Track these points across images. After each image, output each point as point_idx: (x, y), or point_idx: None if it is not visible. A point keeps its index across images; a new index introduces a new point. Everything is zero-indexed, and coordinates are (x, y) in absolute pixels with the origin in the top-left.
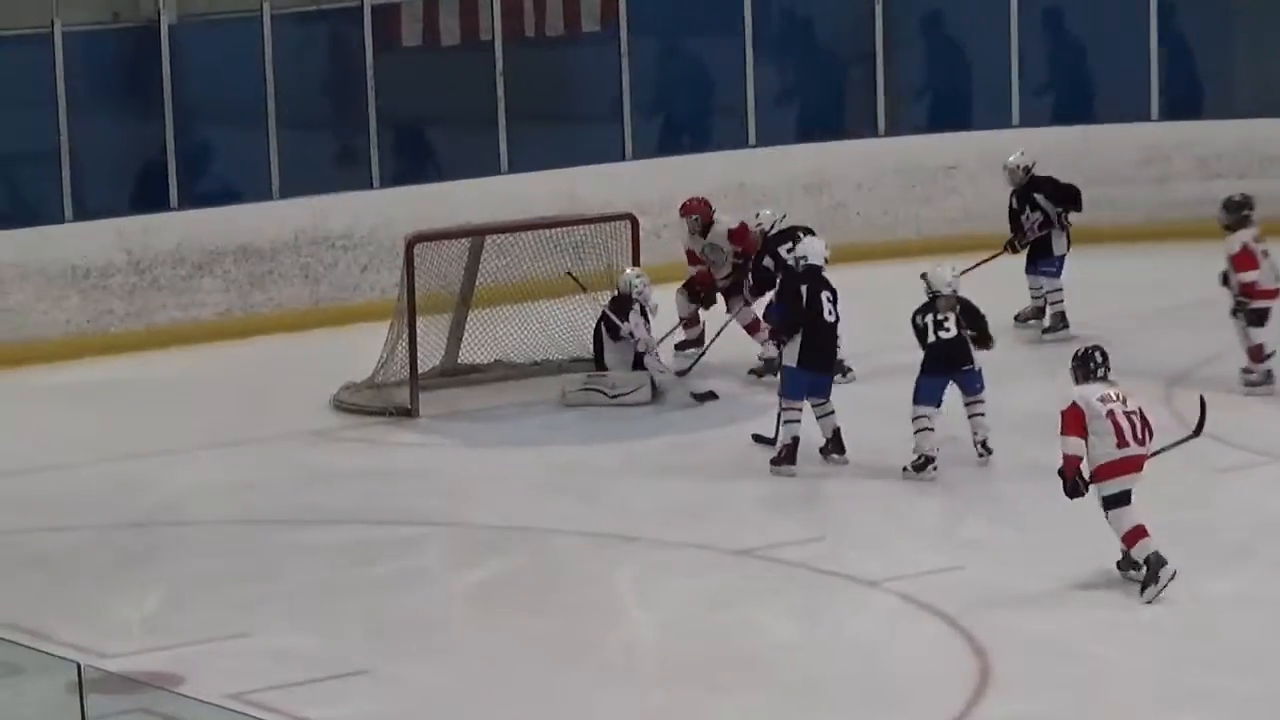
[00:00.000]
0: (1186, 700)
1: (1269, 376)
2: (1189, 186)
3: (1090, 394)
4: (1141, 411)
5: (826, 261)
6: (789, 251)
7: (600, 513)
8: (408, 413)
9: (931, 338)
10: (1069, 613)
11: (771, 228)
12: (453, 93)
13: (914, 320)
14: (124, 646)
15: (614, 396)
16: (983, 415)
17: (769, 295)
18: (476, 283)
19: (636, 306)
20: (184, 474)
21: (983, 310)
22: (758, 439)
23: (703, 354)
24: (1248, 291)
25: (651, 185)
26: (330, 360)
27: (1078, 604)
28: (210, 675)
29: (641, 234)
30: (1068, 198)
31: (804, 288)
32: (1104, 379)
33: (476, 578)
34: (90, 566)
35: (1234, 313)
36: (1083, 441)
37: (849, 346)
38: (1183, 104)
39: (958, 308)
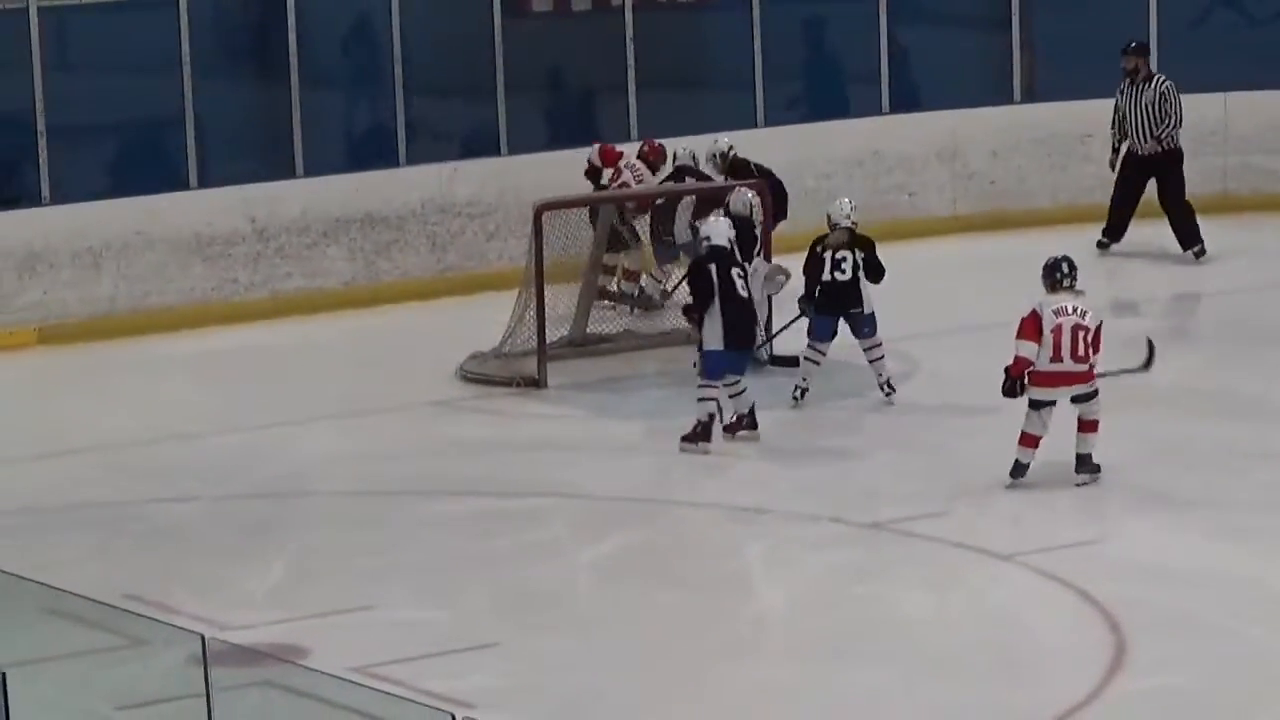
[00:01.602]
0: None
1: None
2: None
3: (1049, 304)
4: (1097, 330)
5: (731, 242)
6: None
7: (729, 485)
8: (535, 383)
9: (827, 276)
10: (1206, 588)
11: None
12: (582, 58)
13: (813, 248)
14: (247, 618)
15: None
16: (882, 359)
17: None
18: (605, 251)
19: (769, 267)
20: (308, 444)
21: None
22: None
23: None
24: None
25: (783, 152)
26: (456, 330)
27: (1215, 579)
28: (334, 648)
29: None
30: None
31: (712, 268)
32: (1069, 289)
33: (604, 550)
34: (214, 538)
35: None
36: (1035, 346)
37: (973, 316)
38: None
39: (859, 251)
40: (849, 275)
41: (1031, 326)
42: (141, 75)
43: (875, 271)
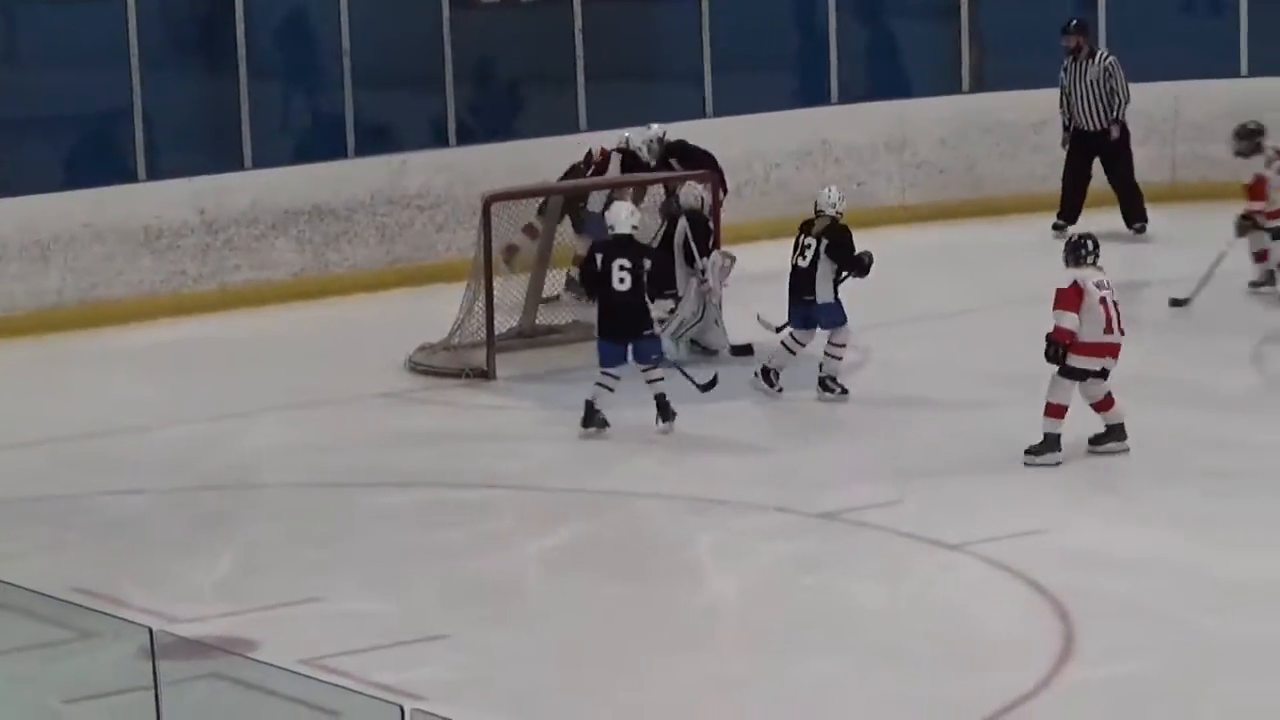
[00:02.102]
0: (1274, 665)
1: (1272, 276)
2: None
3: (1087, 278)
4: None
5: (635, 229)
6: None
7: (681, 476)
8: (484, 374)
9: (791, 261)
10: (1155, 577)
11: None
12: (531, 50)
13: (798, 235)
14: (196, 611)
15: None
16: (836, 358)
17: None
18: (554, 242)
19: (720, 256)
20: (257, 436)
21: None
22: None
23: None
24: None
25: (731, 143)
26: (405, 321)
27: (1164, 568)
28: (283, 640)
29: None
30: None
31: (599, 256)
32: (1094, 265)
33: (553, 541)
34: (163, 530)
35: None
36: (1077, 317)
37: (924, 306)
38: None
39: (824, 240)
40: (807, 263)
41: (1074, 298)
42: (90, 68)
43: (842, 260)
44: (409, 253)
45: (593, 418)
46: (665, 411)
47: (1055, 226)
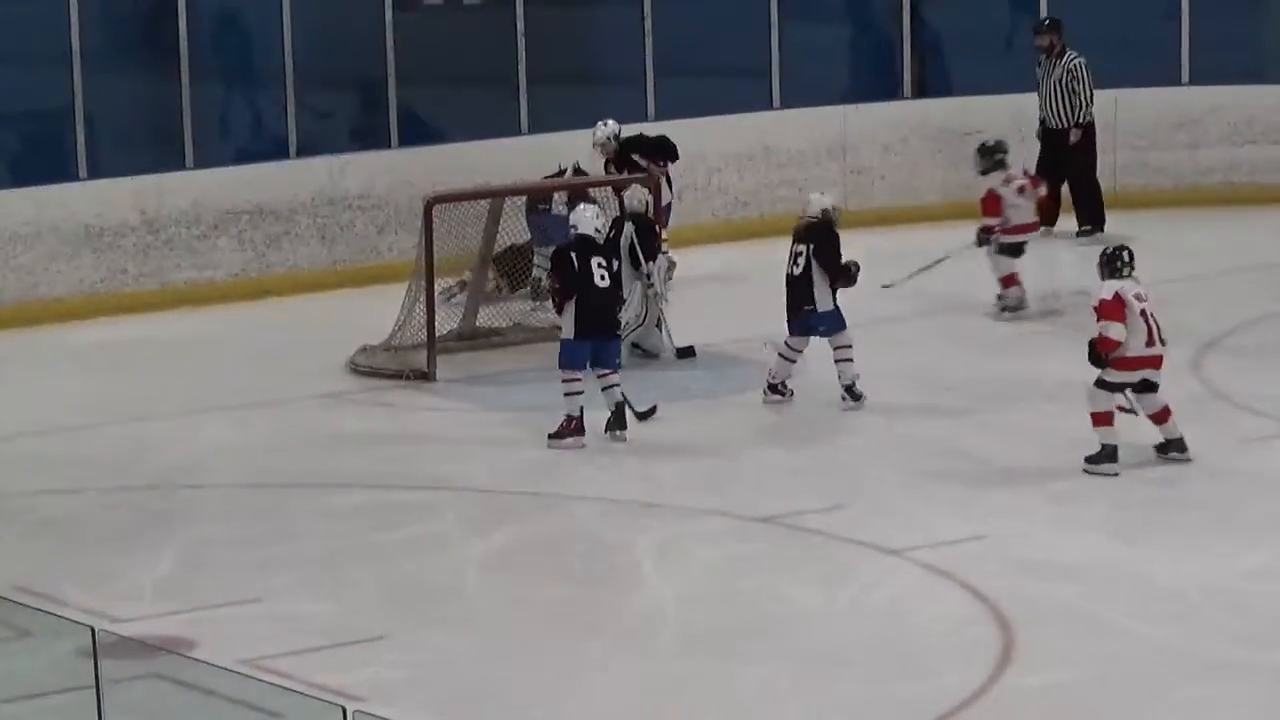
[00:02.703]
0: (1213, 673)
1: (1022, 301)
2: (1221, 152)
3: (1127, 289)
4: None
5: (599, 231)
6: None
7: (619, 479)
8: (425, 376)
9: (786, 270)
10: (1094, 583)
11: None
12: (473, 52)
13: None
14: (136, 610)
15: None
16: (849, 361)
17: None
18: (495, 245)
19: (666, 257)
20: (197, 436)
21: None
22: (640, 416)
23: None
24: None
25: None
26: (347, 322)
27: (1103, 575)
28: (224, 640)
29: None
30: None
31: (574, 255)
32: (1131, 276)
33: (493, 544)
34: (102, 529)
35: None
36: (1124, 328)
37: (868, 313)
38: (1213, 69)
39: (810, 244)
40: (800, 270)
41: (1118, 309)
42: (31, 66)
43: (826, 264)
44: (350, 254)
45: (611, 420)
46: (620, 420)
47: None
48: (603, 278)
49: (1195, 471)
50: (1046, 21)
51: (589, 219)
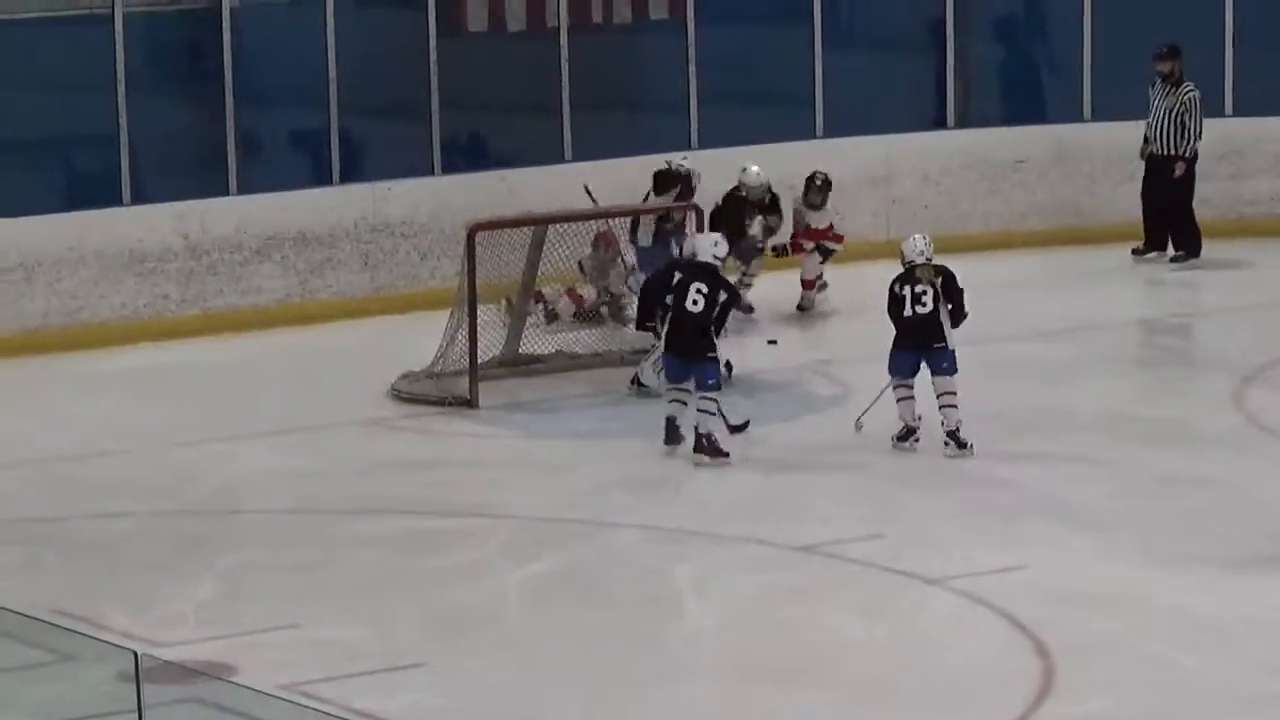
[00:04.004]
0: (1254, 704)
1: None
2: (1264, 183)
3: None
4: None
5: (718, 259)
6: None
7: (661, 507)
8: (467, 403)
9: (909, 311)
10: (1134, 614)
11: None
12: (517, 80)
13: (892, 289)
14: (177, 635)
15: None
16: (954, 406)
17: None
18: (538, 272)
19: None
20: (239, 462)
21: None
22: (732, 430)
23: None
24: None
25: (716, 176)
26: (389, 349)
27: (1142, 605)
28: (263, 666)
29: (704, 224)
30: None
31: (678, 274)
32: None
33: (534, 571)
34: (144, 554)
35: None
36: None
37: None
38: (1257, 99)
39: (938, 280)
40: (929, 309)
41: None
42: (76, 91)
43: (956, 300)
44: (393, 280)
45: (674, 435)
46: (701, 445)
47: (1134, 250)
48: (696, 302)
49: (1236, 502)
50: (1168, 49)
51: (708, 247)
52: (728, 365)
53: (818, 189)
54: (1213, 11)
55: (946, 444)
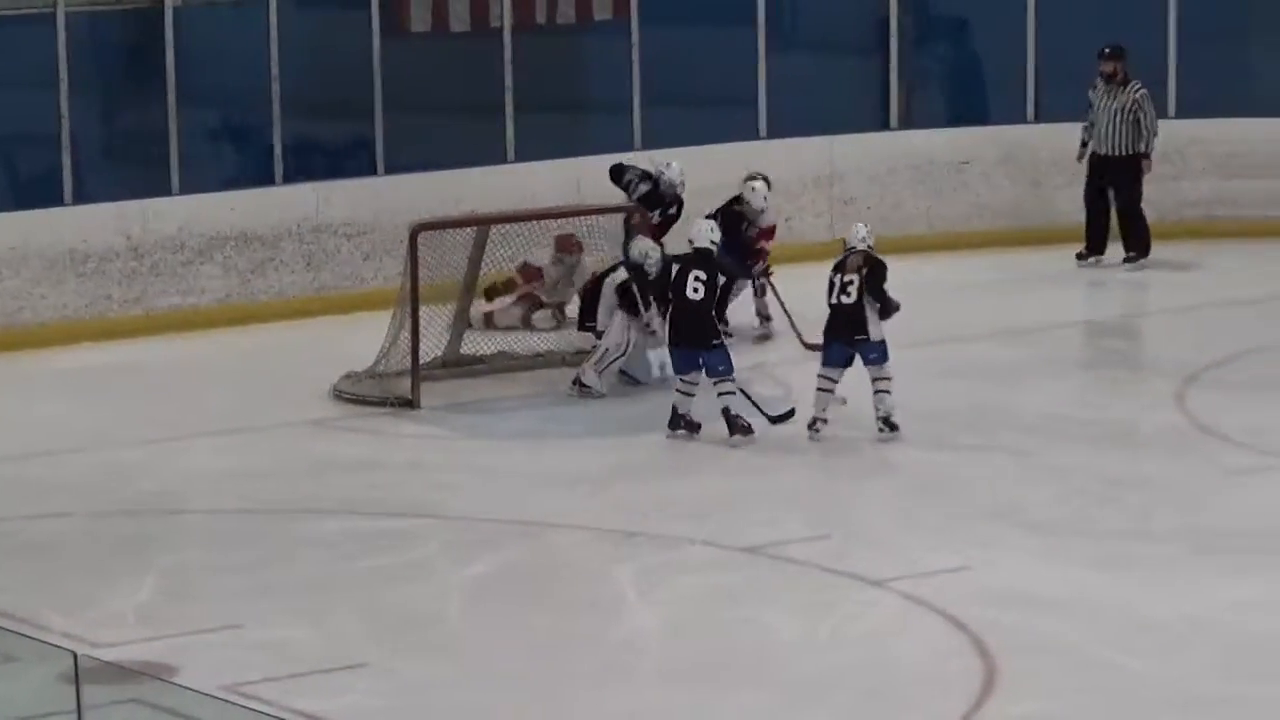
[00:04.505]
0: (1195, 705)
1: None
2: (1203, 185)
3: None
4: None
5: (714, 245)
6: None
7: (603, 507)
8: (409, 403)
9: (834, 299)
10: (1076, 615)
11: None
12: (460, 80)
13: (830, 276)
14: (117, 636)
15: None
16: (887, 392)
17: None
18: (480, 273)
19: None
20: (181, 462)
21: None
22: (773, 420)
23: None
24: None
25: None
26: (331, 349)
27: (1085, 607)
28: (204, 666)
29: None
30: None
31: (675, 267)
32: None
33: (476, 572)
34: (84, 555)
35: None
36: None
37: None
38: (1199, 101)
39: (864, 270)
40: (853, 300)
41: None
42: (18, 90)
43: (876, 293)
44: (335, 281)
45: (677, 421)
46: (733, 426)
47: (1079, 255)
48: (695, 290)
49: (1178, 504)
50: (1112, 49)
51: (705, 233)
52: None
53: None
54: (1157, 13)
55: (881, 429)
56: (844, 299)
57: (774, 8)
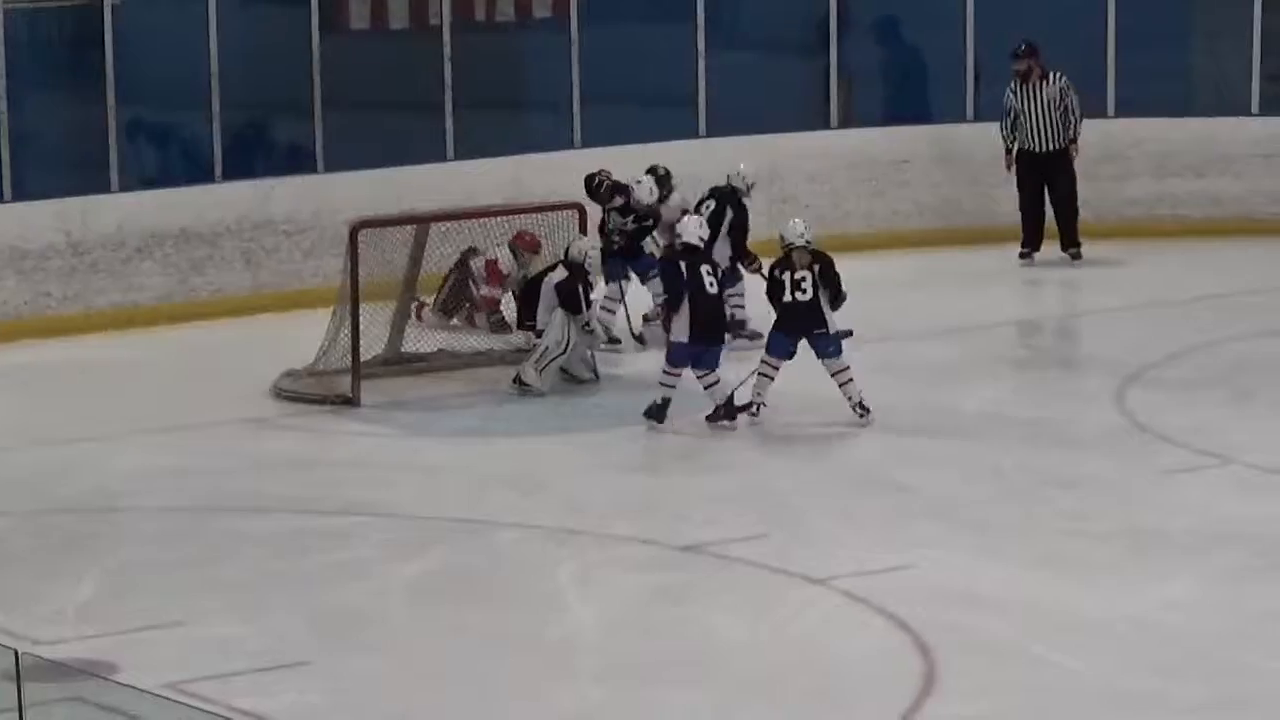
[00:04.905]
0: (1133, 704)
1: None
2: (1145, 185)
3: None
4: None
5: (703, 240)
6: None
7: (543, 506)
8: (349, 401)
9: (788, 297)
10: (1016, 614)
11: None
12: (400, 77)
13: (772, 273)
14: (57, 634)
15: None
16: (850, 380)
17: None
18: (421, 271)
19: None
20: (120, 460)
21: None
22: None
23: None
24: None
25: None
26: (271, 347)
27: (1025, 606)
28: (145, 664)
29: (589, 224)
30: None
31: (682, 264)
32: None
33: (416, 569)
34: (23, 552)
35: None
36: None
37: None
38: (1138, 101)
39: (816, 267)
40: (810, 295)
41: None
42: None
43: (833, 286)
44: (275, 279)
45: (663, 413)
46: (730, 410)
47: (1022, 255)
48: (712, 285)
49: (1116, 503)
50: (1024, 46)
51: (694, 229)
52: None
53: (661, 179)
54: (1094, 12)
55: (860, 415)
56: (799, 296)
57: (714, 6)
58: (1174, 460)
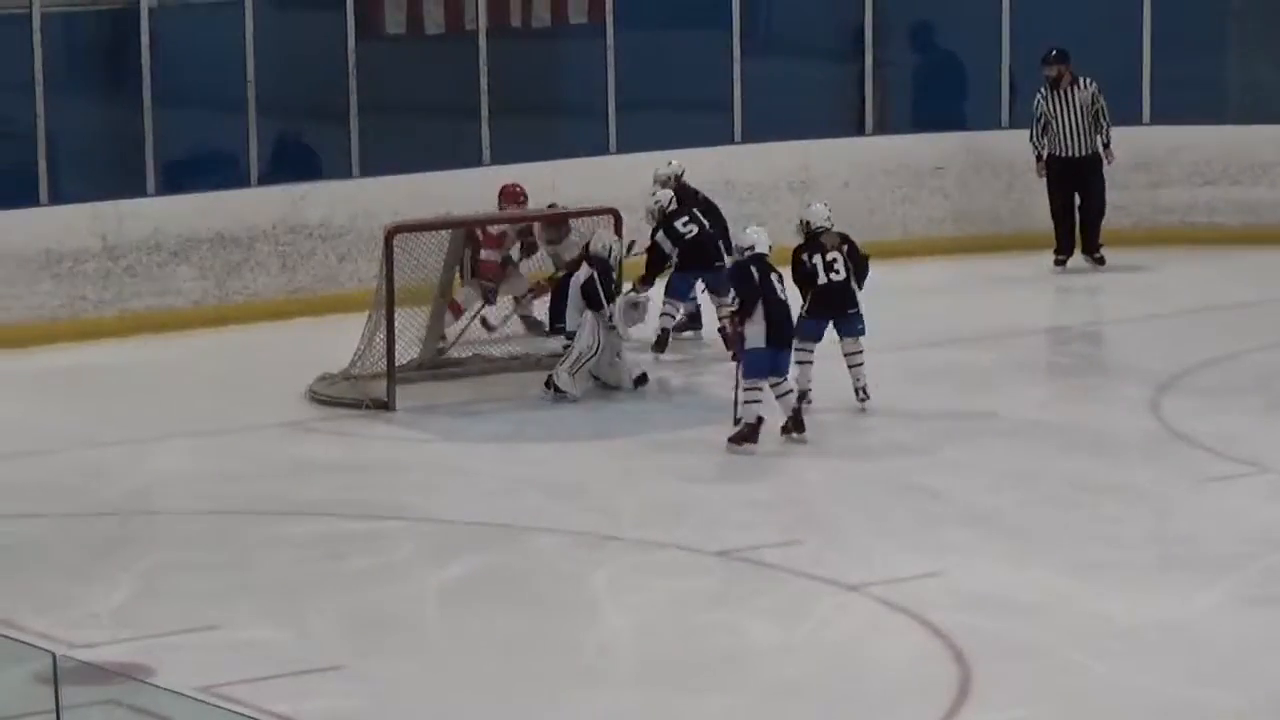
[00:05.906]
0: (1170, 712)
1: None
2: (1180, 192)
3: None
4: None
5: (771, 249)
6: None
7: (578, 511)
8: (384, 406)
9: (823, 279)
10: (1051, 621)
11: (669, 204)
12: (435, 82)
13: (800, 258)
14: (93, 637)
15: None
16: (861, 364)
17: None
18: (455, 275)
19: (625, 304)
20: (156, 463)
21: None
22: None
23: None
24: None
25: (634, 180)
26: (306, 351)
27: (1061, 612)
28: (180, 667)
29: (624, 229)
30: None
31: (754, 269)
32: None
33: (451, 574)
34: (59, 556)
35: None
36: None
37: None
38: (1173, 108)
39: (845, 246)
40: (843, 276)
41: None
42: None
43: (860, 265)
44: (310, 282)
45: (793, 423)
46: (799, 424)
47: (1057, 262)
48: (783, 291)
49: (1151, 510)
50: (1055, 52)
51: (763, 239)
52: (643, 378)
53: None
54: (1130, 19)
55: (861, 400)
56: (834, 277)
57: (749, 12)
58: (1209, 468)
